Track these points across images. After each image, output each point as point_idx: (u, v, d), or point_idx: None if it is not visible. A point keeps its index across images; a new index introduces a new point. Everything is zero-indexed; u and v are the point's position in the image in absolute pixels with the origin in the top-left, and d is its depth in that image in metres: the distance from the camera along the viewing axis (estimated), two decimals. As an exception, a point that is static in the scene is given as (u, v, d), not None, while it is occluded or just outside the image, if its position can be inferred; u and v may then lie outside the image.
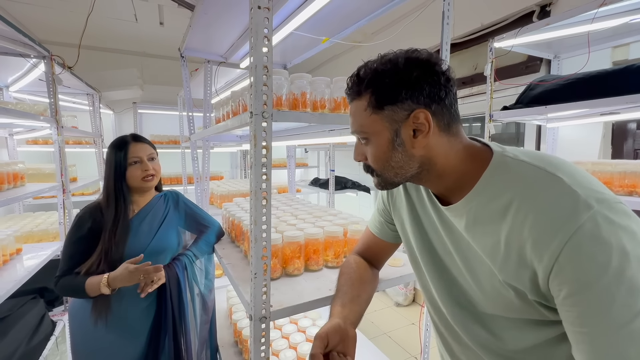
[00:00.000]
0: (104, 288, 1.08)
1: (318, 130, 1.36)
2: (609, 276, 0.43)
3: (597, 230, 0.44)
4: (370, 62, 0.61)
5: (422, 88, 0.57)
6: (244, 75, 2.31)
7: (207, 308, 1.36)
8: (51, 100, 1.93)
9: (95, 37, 3.56)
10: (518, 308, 0.55)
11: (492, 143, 0.62)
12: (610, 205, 0.46)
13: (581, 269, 0.45)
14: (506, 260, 0.54)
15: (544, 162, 0.53)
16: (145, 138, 1.30)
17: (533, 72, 2.19)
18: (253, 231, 0.76)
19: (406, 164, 0.61)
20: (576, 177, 0.50)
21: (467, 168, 0.60)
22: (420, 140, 0.59)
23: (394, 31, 1.97)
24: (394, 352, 2.53)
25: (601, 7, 1.26)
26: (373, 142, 0.63)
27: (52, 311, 1.93)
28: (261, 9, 0.68)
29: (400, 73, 0.57)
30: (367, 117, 0.61)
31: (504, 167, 0.56)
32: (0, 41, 1.58)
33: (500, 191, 0.55)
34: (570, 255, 0.45)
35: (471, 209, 0.59)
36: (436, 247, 0.70)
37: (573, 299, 0.46)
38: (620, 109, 1.47)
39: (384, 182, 0.66)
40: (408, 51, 0.59)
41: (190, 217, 1.39)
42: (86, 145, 3.34)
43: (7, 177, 1.77)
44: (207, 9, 1.33)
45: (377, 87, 0.59)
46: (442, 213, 0.66)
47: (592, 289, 0.44)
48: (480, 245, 0.58)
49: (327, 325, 0.69)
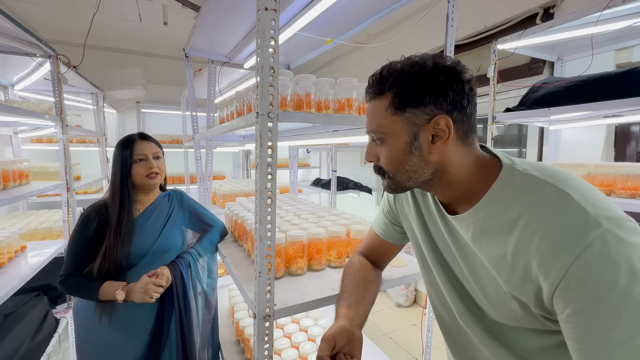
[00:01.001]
0: (119, 295, 1.09)
1: (321, 131, 1.36)
2: (617, 294, 0.43)
3: (605, 249, 0.44)
4: (394, 63, 0.61)
5: (446, 94, 0.57)
6: (247, 76, 2.32)
7: (209, 306, 1.36)
8: (56, 99, 1.94)
9: (99, 37, 3.59)
10: (522, 318, 0.56)
11: (501, 154, 0.62)
12: (619, 223, 0.46)
13: (589, 287, 0.44)
14: (512, 273, 0.54)
15: (553, 177, 0.53)
16: (152, 137, 1.31)
17: (536, 74, 2.20)
18: (258, 230, 0.76)
19: (420, 169, 0.61)
20: (585, 194, 0.50)
21: (477, 179, 0.60)
22: (439, 146, 0.59)
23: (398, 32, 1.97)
24: (395, 352, 2.53)
25: (605, 9, 1.26)
26: (389, 144, 0.62)
27: (56, 309, 1.94)
28: (268, 11, 0.69)
29: (427, 77, 0.57)
30: (387, 117, 0.60)
31: (513, 181, 0.56)
32: (6, 40, 1.59)
33: (508, 205, 0.55)
34: (578, 274, 0.45)
35: (478, 220, 0.59)
36: (444, 254, 0.70)
37: (579, 316, 0.45)
38: (624, 112, 1.47)
39: (394, 185, 0.65)
40: (435, 56, 0.59)
41: (194, 216, 1.40)
42: (90, 144, 3.36)
43: (13, 175, 1.78)
44: (212, 10, 1.34)
45: (401, 87, 0.58)
46: (449, 221, 0.66)
47: (598, 306, 0.44)
48: (486, 256, 0.58)
49: (334, 327, 0.69)
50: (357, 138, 1.15)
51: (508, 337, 0.61)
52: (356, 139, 1.18)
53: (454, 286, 0.68)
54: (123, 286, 1.11)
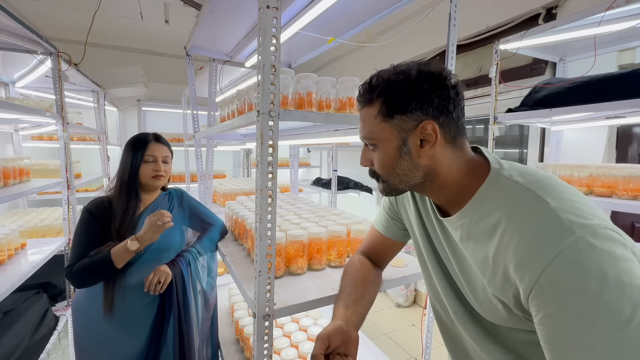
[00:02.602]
0: (132, 245, 1.10)
1: (322, 130, 1.36)
2: (586, 300, 0.44)
3: (577, 256, 0.45)
4: (383, 72, 0.63)
5: (431, 100, 0.59)
6: (248, 74, 2.32)
7: (208, 305, 1.37)
8: (57, 96, 1.94)
9: (101, 35, 3.58)
10: (507, 318, 0.57)
11: (492, 157, 0.62)
12: (594, 230, 0.46)
13: (560, 292, 0.46)
14: (493, 276, 0.56)
15: (535, 185, 0.54)
16: (166, 140, 1.33)
17: (538, 75, 2.19)
18: (258, 229, 0.76)
19: (411, 172, 0.63)
20: (564, 202, 0.50)
21: (466, 182, 0.62)
22: (427, 150, 0.61)
23: (399, 32, 1.97)
24: (395, 352, 2.53)
25: (608, 10, 1.25)
26: (380, 149, 0.64)
27: (55, 306, 1.94)
28: (270, 9, 0.69)
29: (412, 84, 0.59)
30: (376, 125, 0.63)
31: (497, 186, 0.58)
32: (8, 37, 1.59)
33: (491, 210, 0.57)
34: (549, 280, 0.46)
35: (464, 224, 0.61)
36: (439, 253, 0.72)
37: (550, 320, 0.47)
38: (626, 113, 1.46)
39: (388, 188, 0.68)
40: (420, 64, 0.61)
41: (194, 215, 1.40)
42: (90, 142, 3.36)
43: (13, 172, 1.78)
44: (213, 8, 1.34)
45: (388, 96, 0.61)
46: (442, 222, 0.68)
47: (568, 311, 0.45)
48: (472, 258, 0.61)
49: (330, 326, 0.69)
50: (358, 137, 1.15)
51: (500, 334, 0.62)
52: (357, 139, 1.17)
53: (448, 285, 0.70)
54: (132, 238, 1.11)
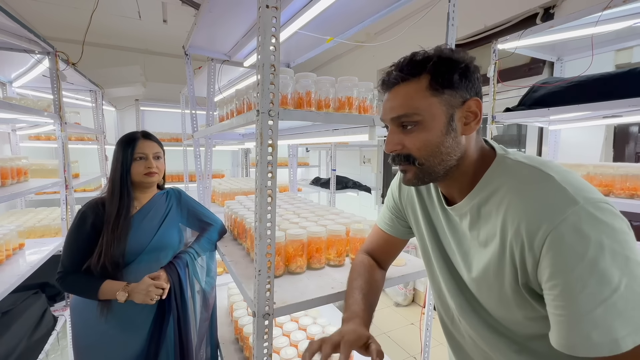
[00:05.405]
0: (120, 296, 1.09)
1: (321, 130, 1.36)
2: (583, 266, 0.47)
3: (579, 224, 0.48)
4: (424, 50, 0.63)
5: (474, 80, 0.61)
6: (247, 74, 2.32)
7: (207, 305, 1.36)
8: (55, 96, 1.93)
9: (99, 34, 3.57)
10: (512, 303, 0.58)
11: (498, 146, 0.65)
12: (596, 203, 0.49)
13: (560, 257, 0.48)
14: (502, 250, 0.57)
15: (540, 163, 0.58)
16: (155, 137, 1.31)
17: (536, 74, 2.20)
18: (257, 228, 0.76)
19: (453, 152, 0.62)
20: (568, 177, 0.53)
21: (476, 168, 0.64)
22: (472, 126, 0.62)
23: (398, 32, 1.97)
24: (394, 351, 2.53)
25: (605, 10, 1.26)
26: (426, 126, 0.61)
27: (54, 306, 1.93)
28: (269, 8, 0.69)
29: (460, 62, 0.60)
30: (424, 99, 0.60)
31: (503, 167, 0.61)
32: (5, 37, 1.58)
33: (497, 187, 0.59)
34: (553, 244, 0.49)
35: (473, 206, 0.62)
36: (445, 246, 0.73)
37: (551, 283, 0.50)
38: (623, 112, 1.47)
39: (422, 173, 0.63)
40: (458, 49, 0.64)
41: (193, 215, 1.40)
42: (88, 142, 3.35)
43: (11, 172, 1.77)
44: (212, 7, 1.34)
45: (439, 69, 0.60)
46: (448, 212, 0.69)
47: (567, 276, 0.48)
48: (482, 240, 0.61)
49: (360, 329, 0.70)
50: (356, 137, 1.15)
51: (504, 327, 0.63)
52: (356, 138, 1.18)
53: (452, 279, 0.71)
54: (124, 286, 1.10)
